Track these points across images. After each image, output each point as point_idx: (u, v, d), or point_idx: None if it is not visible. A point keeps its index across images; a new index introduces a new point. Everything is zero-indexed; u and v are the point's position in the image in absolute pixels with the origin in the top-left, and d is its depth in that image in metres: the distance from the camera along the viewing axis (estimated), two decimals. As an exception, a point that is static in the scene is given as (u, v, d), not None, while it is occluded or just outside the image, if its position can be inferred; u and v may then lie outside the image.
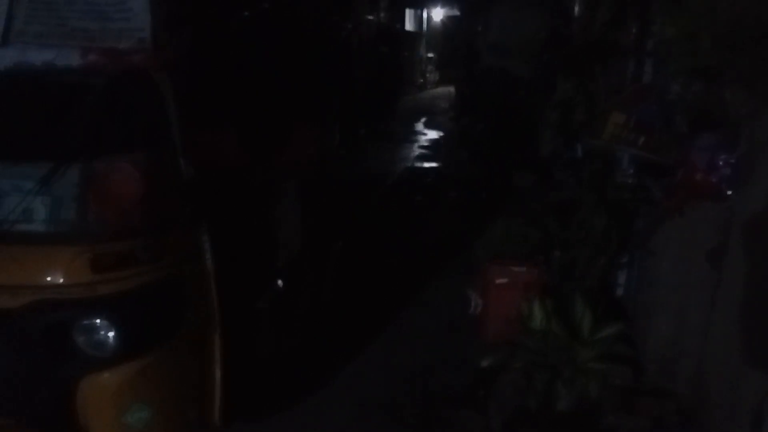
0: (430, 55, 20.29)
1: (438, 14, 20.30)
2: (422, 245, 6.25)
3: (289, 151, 4.32)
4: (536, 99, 4.99)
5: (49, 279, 2.57)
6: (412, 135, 13.46)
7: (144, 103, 2.75)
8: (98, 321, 2.59)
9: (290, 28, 4.31)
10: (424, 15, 20.62)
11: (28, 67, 2.67)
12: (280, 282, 4.09)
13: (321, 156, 5.35)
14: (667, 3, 2.59)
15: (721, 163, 2.85)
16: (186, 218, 2.96)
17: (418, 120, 14.76)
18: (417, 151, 11.96)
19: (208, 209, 3.05)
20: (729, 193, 2.94)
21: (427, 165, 10.95)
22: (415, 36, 19.82)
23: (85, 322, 2.59)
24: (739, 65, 2.57)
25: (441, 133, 13.25)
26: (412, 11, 19.56)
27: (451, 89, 15.63)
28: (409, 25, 19.39)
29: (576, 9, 3.17)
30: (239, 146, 3.52)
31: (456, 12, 17.90)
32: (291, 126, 4.35)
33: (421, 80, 19.50)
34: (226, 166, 3.37)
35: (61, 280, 2.56)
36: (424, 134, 13.54)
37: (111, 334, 2.59)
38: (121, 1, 2.63)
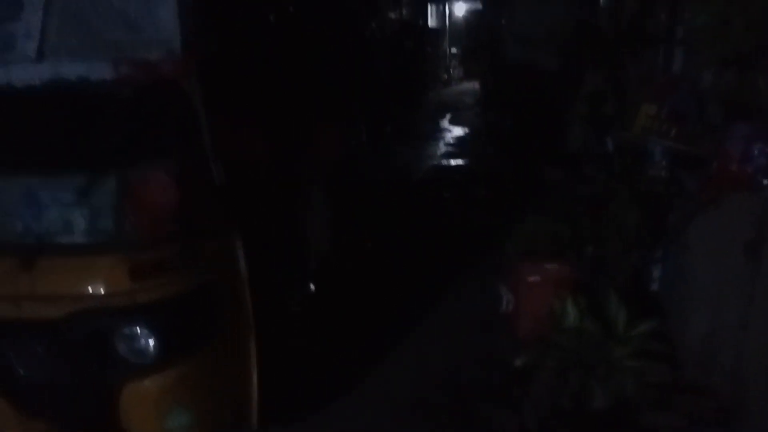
0: (454, 50, 20.18)
1: (460, 9, 20.19)
2: (452, 242, 6.24)
3: (316, 152, 4.36)
4: (564, 92, 4.94)
5: (89, 288, 2.64)
6: (437, 132, 13.42)
7: (175, 112, 2.80)
8: (138, 329, 2.65)
9: (315, 28, 4.34)
10: (447, 10, 20.52)
11: (63, 80, 2.72)
12: (311, 285, 4.12)
13: (348, 155, 5.38)
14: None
15: (756, 152, 2.80)
16: (219, 224, 3.00)
17: (443, 116, 14.70)
18: (443, 148, 11.93)
19: (240, 214, 3.09)
20: (765, 183, 2.88)
21: (453, 162, 10.91)
22: (438, 31, 19.71)
23: (126, 330, 2.65)
24: (772, 52, 2.52)
25: (467, 130, 13.18)
26: (435, 7, 19.47)
27: (476, 84, 15.54)
28: (431, 21, 19.30)
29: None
30: (268, 147, 3.56)
31: (479, 6, 17.78)
32: (318, 126, 4.39)
33: (446, 76, 19.40)
34: (256, 169, 3.42)
35: (101, 290, 2.63)
36: (450, 131, 13.49)
37: (151, 341, 2.66)
38: (151, 14, 2.68)
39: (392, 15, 14.24)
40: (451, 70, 19.79)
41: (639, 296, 3.66)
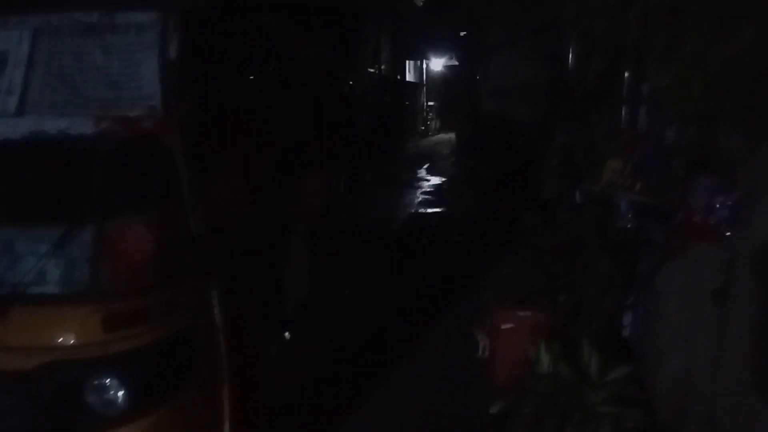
0: (431, 103, 20.53)
1: (437, 64, 20.61)
2: (429, 288, 6.20)
3: (297, 201, 4.34)
4: (537, 142, 5.01)
5: (61, 340, 2.56)
6: (416, 180, 13.53)
7: (155, 166, 2.77)
8: (109, 380, 2.57)
9: (295, 83, 4.37)
10: (424, 65, 20.95)
11: (43, 134, 2.69)
12: (287, 333, 4.05)
13: (328, 204, 5.37)
14: (659, 52, 2.60)
15: (718, 205, 2.82)
16: (196, 273, 2.95)
17: (421, 166, 14.85)
18: (421, 197, 11.99)
19: (218, 262, 3.04)
20: (728, 234, 2.90)
21: (431, 210, 10.95)
22: (416, 85, 20.09)
23: (97, 381, 2.56)
24: (731, 110, 2.57)
25: (444, 178, 13.30)
26: (412, 62, 19.88)
27: (452, 135, 15.76)
28: (410, 76, 19.68)
29: (570, 59, 3.20)
30: (249, 197, 3.54)
31: (454, 62, 18.17)
32: (299, 175, 4.38)
33: (423, 127, 19.69)
34: (237, 217, 3.39)
35: (74, 341, 2.56)
36: (428, 180, 13.60)
37: (122, 392, 2.57)
38: (133, 72, 2.68)
39: (372, 70, 14.48)
40: (429, 122, 20.10)
41: (612, 342, 3.64)
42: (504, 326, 4.00)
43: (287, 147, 4.12)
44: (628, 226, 3.17)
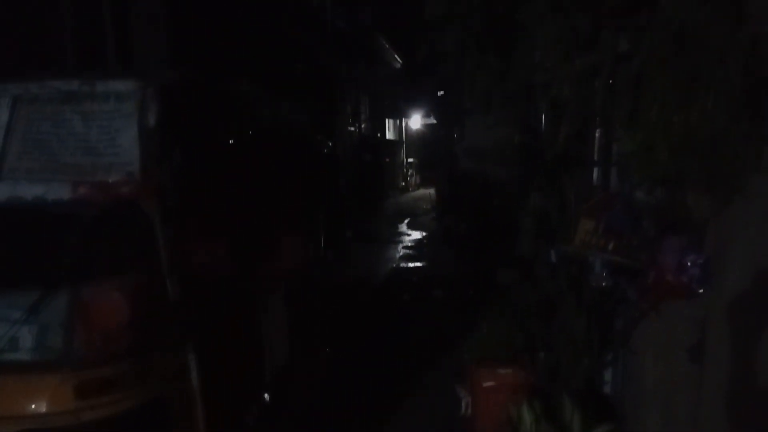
0: (411, 159, 20.79)
1: (416, 123, 20.99)
2: (411, 345, 6.12)
3: (276, 262, 4.30)
4: (513, 200, 5.06)
5: (33, 408, 2.48)
6: (396, 236, 13.51)
7: (131, 232, 2.75)
8: (81, 450, 2.46)
9: (274, 146, 4.40)
10: (403, 124, 21.32)
11: (19, 200, 2.66)
12: (267, 395, 3.95)
13: (308, 263, 5.33)
14: (624, 119, 2.67)
15: (689, 263, 2.85)
16: (172, 338, 2.89)
17: (401, 221, 14.87)
18: (402, 252, 11.96)
19: (195, 326, 2.99)
20: (700, 291, 2.92)
21: (412, 265, 10.91)
22: (396, 143, 20.39)
23: (68, 451, 2.46)
24: (695, 173, 2.62)
25: (424, 233, 13.32)
26: (392, 121, 20.23)
27: (432, 191, 15.88)
28: (389, 134, 19.99)
29: (542, 122, 3.28)
30: (227, 258, 3.51)
31: (432, 120, 18.52)
32: (278, 236, 4.36)
33: (403, 183, 19.86)
34: (215, 279, 3.35)
35: (45, 409, 2.48)
36: (408, 235, 13.60)
37: (94, 462, 2.47)
38: (111, 137, 2.68)
39: (352, 128, 14.69)
40: (409, 178, 20.29)
41: (593, 400, 3.59)
42: (485, 384, 3.94)
43: (266, 208, 4.11)
44: (603, 284, 3.18)
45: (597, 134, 3.10)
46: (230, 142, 3.54)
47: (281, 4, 8.96)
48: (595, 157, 3.17)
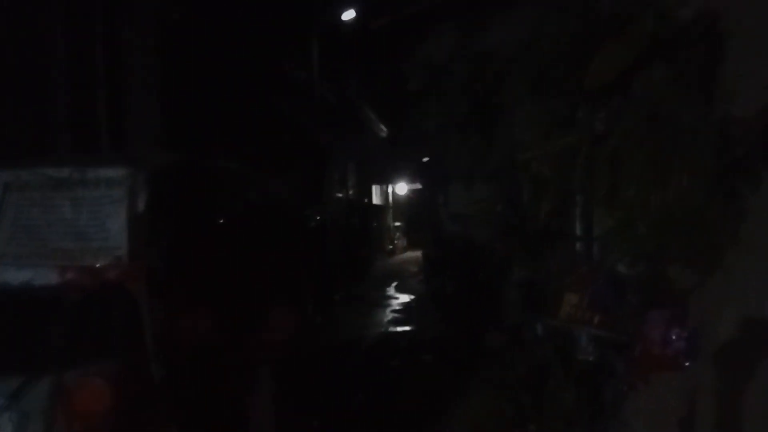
0: (397, 223, 20.86)
1: (402, 188, 21.20)
2: (400, 416, 5.95)
3: (264, 335, 4.23)
4: (498, 267, 5.04)
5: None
6: (385, 299, 13.38)
7: (117, 316, 2.69)
8: None
9: (264, 219, 4.39)
10: (390, 188, 21.52)
11: (5, 286, 2.61)
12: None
13: (295, 334, 5.24)
14: (603, 196, 2.70)
15: (674, 337, 2.82)
16: (158, 421, 2.79)
17: (389, 284, 14.77)
18: (390, 316, 11.82)
19: (183, 407, 2.89)
20: (687, 364, 2.88)
21: (400, 329, 10.76)
22: (382, 207, 20.51)
23: None
24: (675, 248, 2.63)
25: (412, 296, 13.21)
26: (378, 186, 20.41)
27: (419, 254, 15.85)
28: (376, 199, 20.13)
29: (523, 196, 3.30)
30: (215, 335, 3.44)
31: (418, 185, 18.70)
32: (266, 309, 4.30)
33: (391, 246, 19.85)
34: (202, 357, 3.26)
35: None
36: (396, 298, 13.48)
37: None
38: (101, 222, 2.66)
39: (340, 195, 14.77)
40: (396, 241, 20.28)
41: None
42: (476, 460, 3.80)
43: (253, 283, 4.07)
44: (590, 358, 3.13)
45: (578, 209, 3.12)
46: (219, 220, 3.54)
47: (270, 77, 9.16)
48: (577, 232, 3.18)
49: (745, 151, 2.40)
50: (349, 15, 12.52)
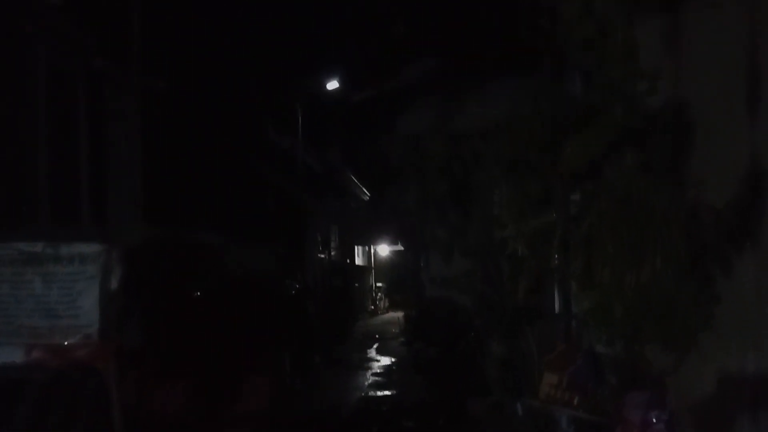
0: (379, 284, 20.71)
1: (384, 250, 21.16)
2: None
3: (240, 404, 4.09)
4: (480, 329, 4.97)
5: None
6: (365, 361, 13.08)
7: (86, 395, 2.56)
8: None
9: (243, 290, 4.31)
10: (372, 250, 21.46)
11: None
12: None
13: (273, 402, 5.07)
14: (579, 277, 2.68)
15: (654, 419, 2.75)
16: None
17: (370, 346, 14.47)
18: (371, 379, 11.51)
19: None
20: (668, 446, 2.79)
21: (381, 393, 10.47)
22: (364, 268, 20.39)
23: None
24: (651, 331, 2.60)
25: (393, 359, 12.92)
26: (361, 247, 20.35)
27: (400, 315, 15.65)
28: (358, 260, 20.02)
29: (502, 274, 3.28)
30: (189, 406, 3.30)
31: (400, 247, 18.69)
32: (243, 379, 4.17)
33: (372, 307, 19.63)
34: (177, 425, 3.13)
35: None
36: (378, 360, 13.18)
37: None
38: (72, 300, 2.57)
39: (322, 256, 14.68)
40: (378, 302, 20.08)
41: None
42: None
43: (229, 354, 3.96)
44: (570, 440, 3.04)
45: (555, 287, 3.09)
46: (195, 293, 3.45)
47: (253, 146, 9.23)
48: (555, 310, 3.15)
49: (716, 237, 2.40)
50: (332, 85, 12.79)
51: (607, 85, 2.58)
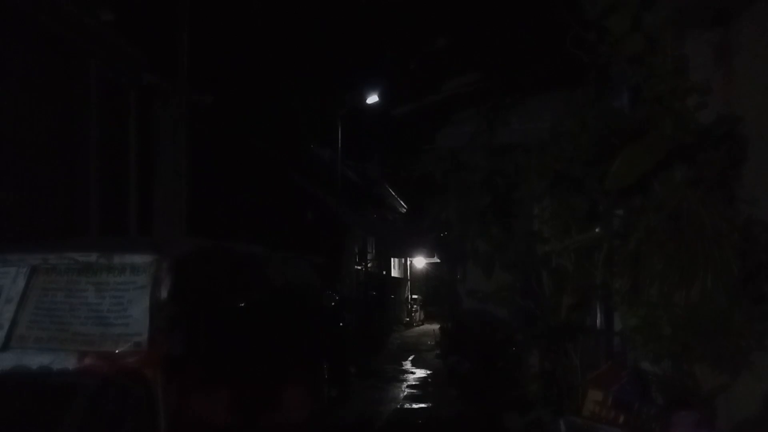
0: (415, 296, 20.64)
1: (420, 261, 21.11)
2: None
3: (281, 416, 4.10)
4: (517, 342, 4.87)
5: None
6: (400, 374, 13.02)
7: (135, 403, 2.60)
8: None
9: (284, 302, 4.33)
10: (407, 262, 21.43)
11: (24, 369, 2.55)
12: None
13: (312, 413, 5.08)
14: (625, 294, 2.61)
15: (703, 440, 2.65)
16: None
17: (405, 358, 14.42)
18: (406, 391, 11.45)
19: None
20: (716, 468, 2.69)
21: (416, 405, 10.39)
22: (400, 280, 20.36)
23: None
24: (701, 349, 2.52)
25: (429, 371, 12.83)
26: (397, 259, 20.36)
27: (436, 327, 15.55)
28: (394, 271, 20.01)
29: (545, 289, 3.23)
30: (233, 419, 3.32)
31: (436, 259, 18.61)
32: (284, 391, 4.18)
33: (407, 319, 19.56)
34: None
35: None
36: (413, 372, 13.11)
37: None
38: (123, 308, 2.62)
39: (359, 267, 14.73)
40: (413, 314, 20.00)
41: None
42: None
43: (271, 365, 3.97)
44: (617, 460, 2.94)
45: (597, 305, 3.02)
46: (238, 305, 3.49)
47: (294, 158, 9.34)
48: (598, 326, 3.08)
49: (770, 255, 2.32)
50: (373, 99, 12.90)
51: (655, 99, 2.52)
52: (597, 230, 2.71)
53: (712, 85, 2.55)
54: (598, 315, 3.06)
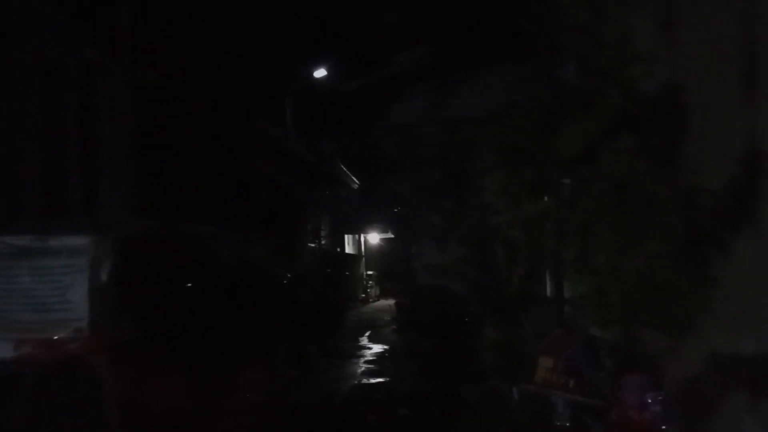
0: (370, 272, 20.66)
1: (374, 237, 21.11)
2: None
3: (236, 397, 4.02)
4: (472, 314, 4.89)
5: None
6: (358, 349, 13.04)
7: (78, 389, 2.48)
8: None
9: (235, 280, 4.23)
10: (362, 238, 21.41)
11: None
12: None
13: (268, 394, 5.02)
14: (574, 262, 2.63)
15: (650, 401, 2.72)
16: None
17: (362, 334, 14.44)
18: (364, 366, 11.47)
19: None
20: (664, 428, 2.77)
21: (374, 380, 10.43)
22: (355, 257, 20.33)
23: None
24: (648, 314, 2.56)
25: (385, 347, 12.89)
26: (351, 236, 20.29)
27: (392, 303, 15.62)
28: (349, 248, 19.94)
29: (497, 261, 3.22)
30: (183, 399, 3.23)
31: (390, 235, 18.65)
32: (238, 371, 4.10)
33: (363, 295, 19.58)
34: (171, 424, 3.06)
35: None
36: (370, 348, 13.15)
37: None
38: (61, 293, 2.49)
39: (313, 245, 14.61)
40: (369, 290, 20.03)
41: None
42: None
43: (224, 345, 3.88)
44: (567, 424, 3.00)
45: (549, 274, 3.04)
46: (186, 285, 3.37)
47: (243, 137, 9.11)
48: (549, 295, 3.10)
49: (712, 220, 2.35)
50: (322, 74, 12.67)
51: (601, 69, 2.52)
52: (546, 200, 2.71)
53: (657, 55, 2.55)
54: (549, 284, 3.08)
